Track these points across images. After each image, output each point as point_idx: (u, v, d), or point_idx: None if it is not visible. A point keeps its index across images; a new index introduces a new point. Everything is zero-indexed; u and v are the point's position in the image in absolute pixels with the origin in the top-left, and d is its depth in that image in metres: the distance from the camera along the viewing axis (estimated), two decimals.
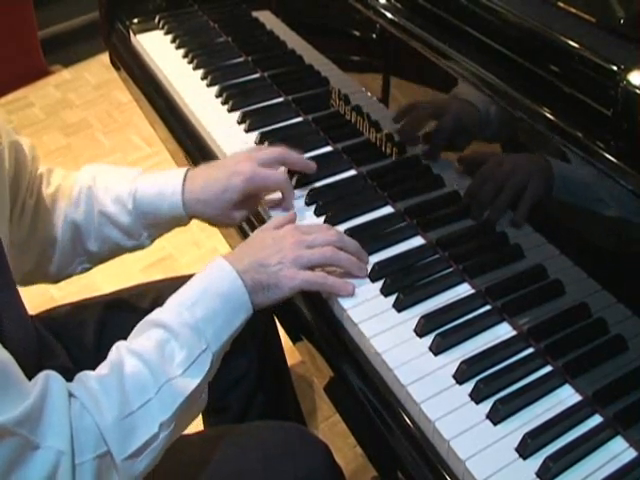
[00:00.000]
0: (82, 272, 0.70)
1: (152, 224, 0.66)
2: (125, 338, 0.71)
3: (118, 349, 0.52)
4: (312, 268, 0.57)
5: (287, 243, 0.56)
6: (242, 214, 0.65)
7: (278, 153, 0.67)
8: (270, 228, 0.60)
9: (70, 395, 0.47)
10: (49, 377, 0.47)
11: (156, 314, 0.53)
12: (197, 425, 0.79)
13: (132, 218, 0.65)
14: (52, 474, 0.44)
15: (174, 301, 0.53)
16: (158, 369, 0.49)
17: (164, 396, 0.49)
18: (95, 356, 0.69)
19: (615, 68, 0.47)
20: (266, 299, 0.55)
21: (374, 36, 0.68)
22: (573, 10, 0.53)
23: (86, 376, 0.50)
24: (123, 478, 0.48)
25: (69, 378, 0.65)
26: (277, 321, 0.78)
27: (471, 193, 0.60)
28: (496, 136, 0.57)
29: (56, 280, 0.71)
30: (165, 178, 0.65)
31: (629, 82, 0.46)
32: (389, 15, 0.64)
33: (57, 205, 0.66)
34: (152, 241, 0.68)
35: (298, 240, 0.57)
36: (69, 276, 0.70)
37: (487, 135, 0.58)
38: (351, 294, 0.58)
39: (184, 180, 0.64)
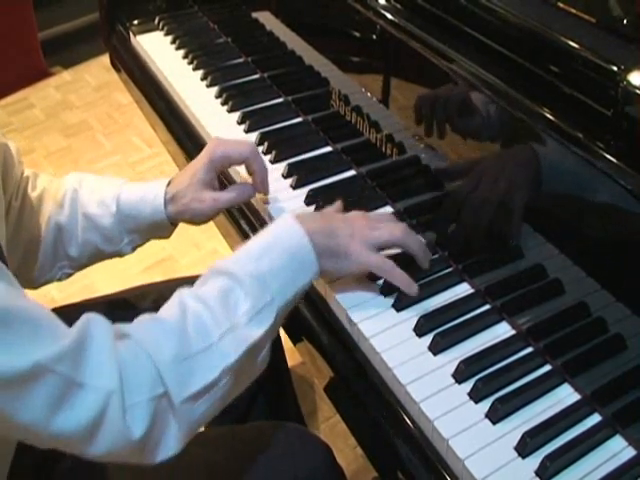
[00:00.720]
0: (61, 278, 0.70)
1: (134, 229, 0.66)
2: None
3: (180, 293, 0.50)
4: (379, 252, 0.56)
5: (357, 223, 0.56)
6: (211, 195, 0.63)
7: (247, 146, 0.66)
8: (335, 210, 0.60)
9: (124, 334, 0.45)
10: (89, 320, 0.45)
11: (222, 262, 0.52)
12: None
13: (114, 221, 0.65)
14: (100, 414, 0.42)
15: (240, 254, 0.52)
16: (222, 315, 0.48)
17: (226, 343, 0.47)
18: None
19: (615, 68, 0.47)
20: (333, 267, 0.54)
21: (374, 37, 0.68)
22: (573, 10, 0.54)
23: (144, 317, 0.48)
24: (180, 422, 0.45)
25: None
26: None
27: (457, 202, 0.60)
28: (495, 136, 0.57)
29: (35, 286, 0.70)
30: (149, 184, 0.66)
31: (629, 82, 0.46)
32: (389, 16, 0.64)
33: (42, 207, 0.67)
34: (133, 249, 0.68)
35: (367, 222, 0.57)
36: (48, 282, 0.70)
37: (488, 135, 0.58)
38: (415, 293, 0.57)
39: (167, 185, 0.65)
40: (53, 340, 0.42)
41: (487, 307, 0.58)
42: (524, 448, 0.48)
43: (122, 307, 0.74)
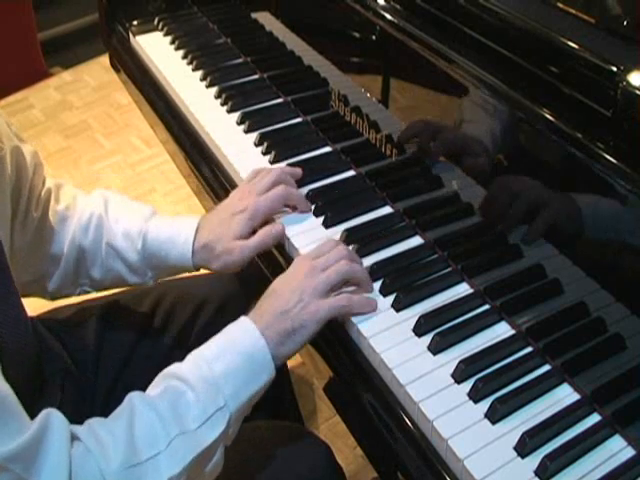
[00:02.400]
0: (80, 294, 0.70)
1: (158, 266, 0.66)
2: (125, 339, 0.71)
3: (131, 398, 0.50)
4: (333, 290, 0.56)
5: (300, 276, 0.55)
6: (239, 244, 0.62)
7: (276, 176, 0.66)
8: (284, 274, 0.58)
9: (74, 438, 0.45)
10: (50, 415, 0.45)
11: (175, 367, 0.51)
12: None
13: (139, 257, 0.65)
14: None
15: (194, 356, 0.52)
16: (171, 421, 0.47)
17: (174, 450, 0.47)
18: (96, 357, 0.69)
19: (615, 69, 0.47)
20: (295, 345, 0.53)
21: (373, 37, 0.68)
22: (573, 11, 0.54)
23: (95, 421, 0.48)
24: None
25: (71, 380, 0.65)
26: None
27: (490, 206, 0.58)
28: (504, 150, 0.57)
29: (53, 297, 0.70)
30: (178, 225, 0.65)
31: (629, 83, 0.46)
32: (388, 16, 0.64)
33: (65, 225, 0.66)
34: (155, 281, 0.68)
35: (310, 268, 0.55)
36: (67, 296, 0.70)
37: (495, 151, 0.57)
38: (375, 309, 0.57)
39: (197, 229, 0.64)
40: (16, 435, 0.41)
41: (486, 307, 0.58)
42: (523, 448, 0.48)
43: (122, 307, 0.74)
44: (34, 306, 0.65)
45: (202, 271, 0.73)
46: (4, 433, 0.41)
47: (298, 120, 0.82)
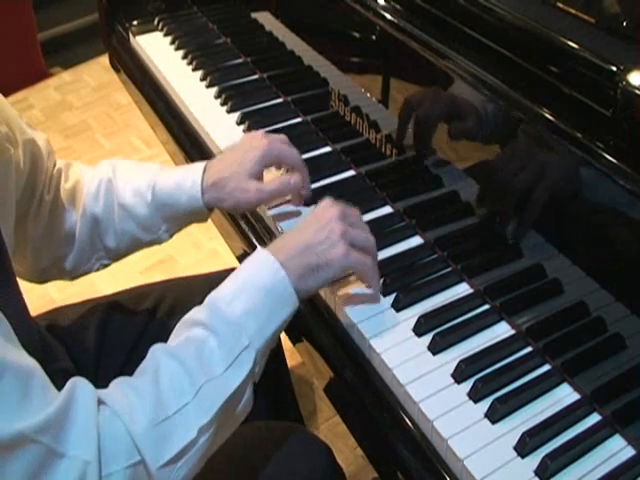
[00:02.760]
0: (99, 269, 0.69)
1: (170, 217, 0.64)
2: (126, 339, 0.71)
3: (154, 352, 0.48)
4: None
5: (331, 216, 0.53)
6: (256, 185, 0.61)
7: (290, 146, 0.65)
8: (309, 216, 0.56)
9: (101, 402, 0.45)
10: (76, 384, 0.44)
11: (194, 312, 0.50)
12: None
13: (150, 210, 0.64)
14: None
15: (212, 298, 0.50)
16: (196, 370, 0.46)
17: (202, 398, 0.46)
18: (96, 357, 0.69)
19: (614, 69, 0.47)
20: (317, 282, 0.52)
21: (373, 37, 0.68)
22: (572, 11, 0.53)
23: (120, 381, 0.47)
24: None
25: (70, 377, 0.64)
26: None
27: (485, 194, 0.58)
28: (494, 136, 0.57)
29: (73, 277, 0.69)
30: (185, 171, 0.64)
31: (628, 82, 0.46)
32: (388, 16, 0.64)
33: (76, 199, 0.66)
34: (171, 236, 0.67)
35: (341, 213, 0.54)
36: (86, 273, 0.69)
37: (486, 135, 0.58)
38: (377, 300, 0.57)
39: (204, 171, 0.63)
40: (40, 407, 0.41)
41: (486, 307, 0.58)
42: (523, 448, 0.48)
43: (122, 307, 0.74)
44: (35, 306, 0.64)
45: (200, 271, 0.73)
46: (32, 406, 0.41)
47: (298, 120, 0.82)
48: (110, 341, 0.71)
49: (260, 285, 0.50)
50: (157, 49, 0.98)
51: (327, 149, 0.77)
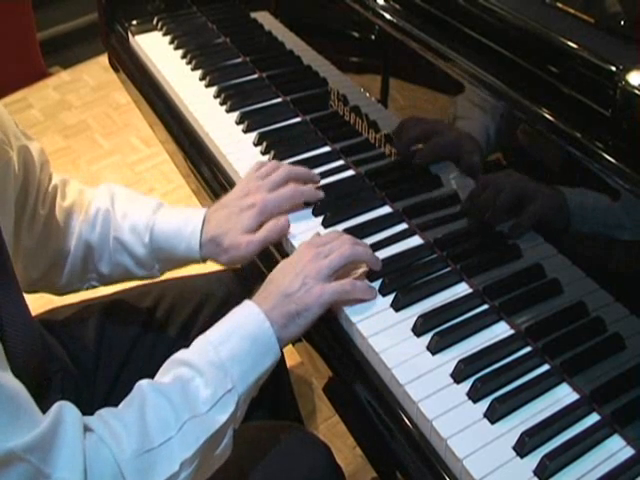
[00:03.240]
0: (88, 289, 0.70)
1: (166, 260, 0.66)
2: (125, 339, 0.71)
3: (140, 386, 0.50)
4: (336, 278, 0.56)
5: (304, 261, 0.56)
6: (246, 239, 0.62)
7: (285, 174, 0.66)
8: (286, 258, 0.59)
9: (87, 429, 0.46)
10: (62, 407, 0.45)
11: (181, 353, 0.52)
12: None
13: (147, 251, 0.65)
14: None
15: (200, 341, 0.52)
16: (181, 406, 0.48)
17: (186, 434, 0.47)
18: (96, 356, 0.69)
19: (614, 68, 0.47)
20: (299, 328, 0.54)
21: (373, 37, 0.68)
22: (572, 11, 0.53)
23: (106, 411, 0.49)
24: None
25: (70, 380, 0.64)
26: None
27: (475, 200, 0.59)
28: (497, 148, 0.57)
29: (62, 293, 0.70)
30: (185, 217, 0.65)
31: (628, 82, 0.46)
32: (388, 16, 0.64)
33: (72, 220, 0.66)
34: (162, 273, 0.68)
35: (315, 254, 0.56)
36: (75, 291, 0.70)
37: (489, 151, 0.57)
38: (375, 296, 0.58)
39: (203, 222, 0.64)
40: (29, 427, 0.42)
41: (485, 307, 0.58)
42: (523, 447, 0.47)
43: (121, 307, 0.74)
44: (33, 306, 0.64)
45: (202, 270, 0.73)
46: (19, 426, 0.41)
47: (297, 120, 0.82)
48: (109, 341, 0.71)
49: (246, 334, 0.52)
50: (156, 49, 0.98)
51: (326, 149, 0.77)
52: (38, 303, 0.70)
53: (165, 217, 0.65)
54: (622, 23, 0.54)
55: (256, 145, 0.79)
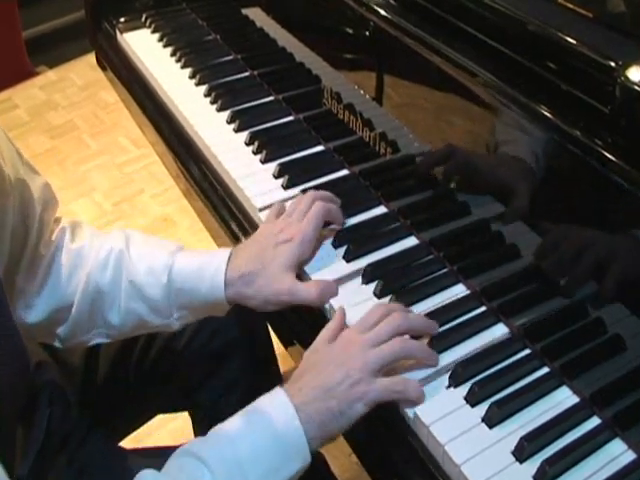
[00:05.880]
0: (93, 344, 0.62)
1: (186, 305, 0.58)
2: (114, 343, 0.68)
3: (143, 477, 0.44)
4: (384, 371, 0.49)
5: (348, 350, 0.48)
6: (290, 285, 0.54)
7: (311, 200, 0.60)
8: (324, 341, 0.50)
9: None
10: None
11: (196, 444, 0.45)
12: (189, 435, 0.77)
13: (164, 294, 0.57)
14: None
15: (218, 432, 0.45)
16: None
17: None
18: (85, 366, 0.67)
19: (613, 64, 0.46)
20: (338, 429, 0.47)
21: (367, 33, 0.67)
22: (570, 5, 0.53)
23: None
24: None
25: (60, 394, 0.61)
26: (269, 326, 0.76)
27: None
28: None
29: (65, 345, 0.63)
30: (209, 255, 0.57)
31: (627, 78, 0.45)
32: (382, 12, 0.63)
33: (80, 265, 0.59)
34: (181, 325, 0.60)
35: (361, 343, 0.48)
36: (79, 345, 0.63)
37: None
38: (422, 400, 0.49)
39: (229, 258, 0.56)
40: None
41: (483, 309, 0.57)
42: (522, 452, 0.47)
43: None
44: None
45: None
46: None
47: (290, 118, 0.81)
48: (97, 350, 0.69)
49: (272, 430, 0.45)
50: (145, 46, 0.96)
51: (320, 148, 0.76)
52: None
53: (186, 256, 0.57)
54: (621, 18, 0.53)
55: (248, 145, 0.77)
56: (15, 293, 0.57)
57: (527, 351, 0.53)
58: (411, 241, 0.64)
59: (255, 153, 0.76)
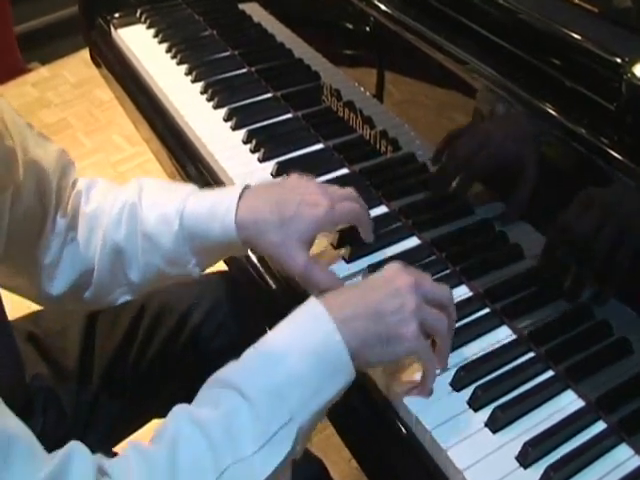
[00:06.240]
0: (123, 303, 0.61)
1: (201, 249, 0.54)
2: (109, 350, 0.68)
3: (175, 414, 0.41)
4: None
5: (402, 285, 0.45)
6: (304, 262, 0.50)
7: (349, 192, 0.56)
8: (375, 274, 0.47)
9: (103, 474, 0.38)
10: (71, 450, 0.38)
11: (228, 371, 0.43)
12: None
13: (177, 241, 0.53)
14: None
15: (252, 356, 0.43)
16: (222, 446, 0.39)
17: None
18: (79, 362, 0.66)
19: (619, 60, 0.45)
20: (381, 357, 0.44)
21: (367, 29, 0.66)
22: (575, 0, 0.52)
23: (133, 447, 0.40)
24: None
25: (54, 399, 0.61)
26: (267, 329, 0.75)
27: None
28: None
29: (92, 309, 0.62)
30: (221, 194, 0.53)
31: (633, 75, 0.44)
32: (383, 7, 0.62)
33: (96, 226, 0.56)
34: (202, 270, 0.56)
35: (415, 285, 0.45)
36: (109, 305, 0.61)
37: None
38: (429, 394, 0.49)
39: (240, 195, 0.52)
40: (26, 474, 0.36)
41: (487, 310, 0.56)
42: (526, 458, 0.46)
43: (106, 317, 0.70)
44: (16, 307, 0.61)
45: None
46: (21, 466, 0.36)
47: (288, 116, 0.80)
48: (92, 352, 0.67)
49: (309, 347, 0.42)
50: (140, 42, 0.95)
51: (319, 146, 0.75)
52: (24, 305, 0.67)
53: (198, 198, 0.53)
54: (628, 13, 0.52)
55: (245, 143, 0.76)
56: (37, 269, 0.55)
57: (531, 354, 0.53)
58: (413, 241, 0.63)
59: (253, 151, 0.75)
